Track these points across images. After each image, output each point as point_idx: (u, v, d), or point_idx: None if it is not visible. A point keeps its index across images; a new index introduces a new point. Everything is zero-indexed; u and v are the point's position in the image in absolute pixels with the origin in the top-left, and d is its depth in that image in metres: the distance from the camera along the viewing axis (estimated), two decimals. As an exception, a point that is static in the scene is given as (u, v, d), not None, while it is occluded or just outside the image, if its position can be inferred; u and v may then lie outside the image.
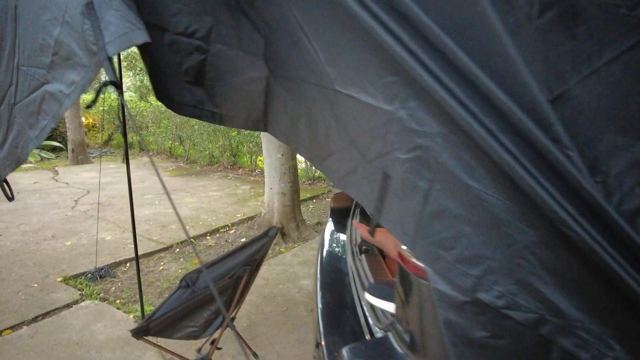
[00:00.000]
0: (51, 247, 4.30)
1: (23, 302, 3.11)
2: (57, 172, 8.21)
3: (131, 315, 2.95)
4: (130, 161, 9.32)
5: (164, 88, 1.03)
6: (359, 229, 1.84)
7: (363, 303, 1.38)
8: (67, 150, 9.49)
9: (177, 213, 0.80)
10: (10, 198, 1.40)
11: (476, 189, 0.72)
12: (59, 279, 3.51)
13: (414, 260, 0.95)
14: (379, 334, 1.21)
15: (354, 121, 0.83)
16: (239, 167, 8.96)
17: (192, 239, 4.62)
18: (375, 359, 1.03)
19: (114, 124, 11.82)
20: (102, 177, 7.29)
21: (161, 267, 3.92)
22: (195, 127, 9.13)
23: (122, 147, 10.89)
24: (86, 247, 4.29)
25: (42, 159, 9.46)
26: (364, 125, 0.81)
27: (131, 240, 4.55)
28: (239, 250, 2.31)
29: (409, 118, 0.74)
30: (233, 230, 4.99)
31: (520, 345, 0.73)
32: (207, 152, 9.27)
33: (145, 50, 1.07)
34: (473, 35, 0.68)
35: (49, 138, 10.13)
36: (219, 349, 2.14)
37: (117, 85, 0.70)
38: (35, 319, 2.88)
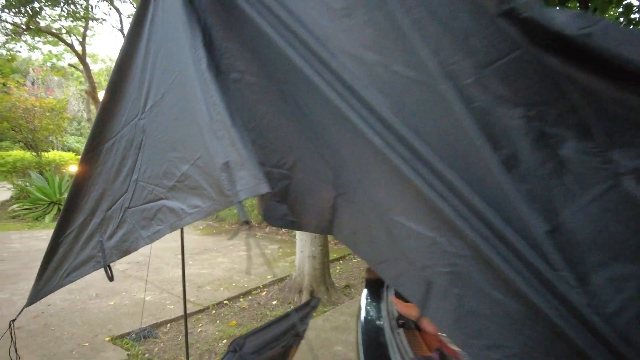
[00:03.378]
0: (96, 306, 4.59)
1: (78, 358, 3.36)
2: (96, 230, 8.69)
3: (177, 377, 3.14)
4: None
5: (264, 207, 1.35)
6: (397, 305, 2.07)
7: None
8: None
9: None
10: (111, 279, 1.71)
11: (496, 296, 0.98)
12: (107, 339, 3.76)
13: (451, 344, 1.18)
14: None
15: (406, 240, 1.11)
16: (266, 226, 9.28)
17: (226, 301, 4.85)
18: None
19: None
20: (138, 235, 7.68)
21: (199, 329, 4.13)
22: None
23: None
24: (128, 307, 4.56)
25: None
26: (413, 244, 1.09)
27: (170, 300, 4.84)
28: (282, 319, 2.53)
29: (447, 243, 1.02)
30: (265, 292, 5.20)
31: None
32: (235, 211, 9.67)
33: None
34: (489, 191, 0.98)
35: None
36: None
37: (248, 222, 1.00)
38: (89, 379, 3.11)
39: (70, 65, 18.19)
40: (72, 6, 8.47)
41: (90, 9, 9.05)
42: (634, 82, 0.97)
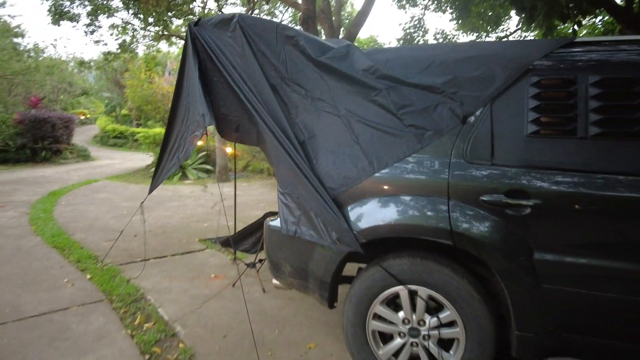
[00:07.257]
0: (195, 225, 6.92)
1: (178, 246, 5.61)
2: (206, 187, 11.41)
3: (229, 257, 5.18)
4: (259, 182, 12.46)
5: (224, 133, 3.19)
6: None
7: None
8: (215, 172, 12.84)
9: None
10: (181, 177, 3.65)
11: (289, 163, 2.63)
12: (197, 240, 5.99)
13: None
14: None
15: (268, 143, 2.80)
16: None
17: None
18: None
19: (252, 155, 15.21)
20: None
21: (254, 242, 6.15)
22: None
23: (256, 172, 14.03)
24: (214, 227, 6.79)
25: (199, 177, 12.94)
26: (269, 143, 2.78)
27: (241, 227, 6.96)
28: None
29: (277, 143, 2.68)
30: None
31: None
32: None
33: (219, 124, 3.23)
34: (286, 125, 2.65)
35: (204, 162, 13.72)
36: (261, 262, 4.18)
37: (206, 134, 2.80)
38: (183, 254, 5.32)
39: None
40: (190, 15, 11.18)
41: (205, 16, 11.72)
42: (342, 78, 2.60)
